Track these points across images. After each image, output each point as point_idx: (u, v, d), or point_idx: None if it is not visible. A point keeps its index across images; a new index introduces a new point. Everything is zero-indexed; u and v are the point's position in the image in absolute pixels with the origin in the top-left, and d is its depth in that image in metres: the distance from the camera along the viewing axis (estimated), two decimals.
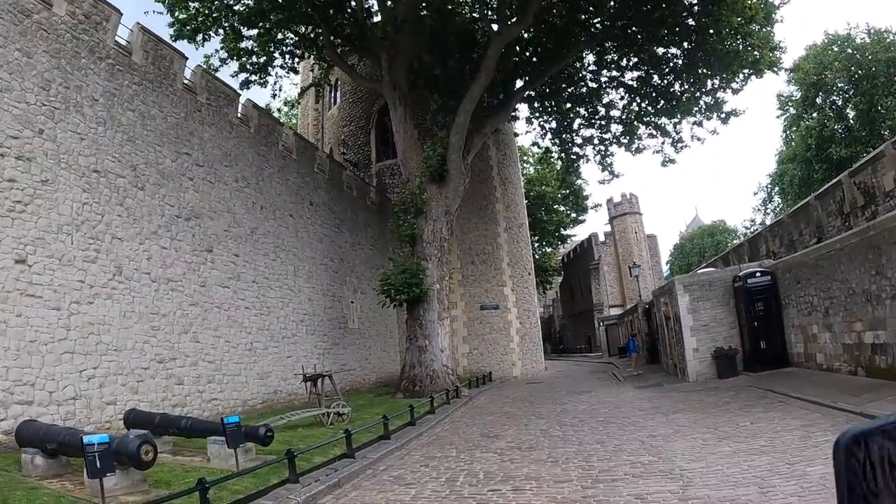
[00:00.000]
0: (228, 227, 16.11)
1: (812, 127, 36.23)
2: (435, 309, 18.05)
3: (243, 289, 16.24)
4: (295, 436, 10.70)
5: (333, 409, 12.38)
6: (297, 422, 12.01)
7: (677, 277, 17.42)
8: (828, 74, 35.42)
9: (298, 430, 11.63)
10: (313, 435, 10.65)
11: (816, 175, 35.65)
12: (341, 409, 12.41)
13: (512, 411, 14.05)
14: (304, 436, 10.66)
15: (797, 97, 38.66)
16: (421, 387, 17.08)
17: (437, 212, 18.86)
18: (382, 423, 10.92)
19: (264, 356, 16.53)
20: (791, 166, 38.79)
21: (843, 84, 36.26)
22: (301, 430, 11.48)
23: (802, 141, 36.91)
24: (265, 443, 8.44)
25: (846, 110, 37.08)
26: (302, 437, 10.45)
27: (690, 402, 12.50)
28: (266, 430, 8.38)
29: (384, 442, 10.55)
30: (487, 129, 21.55)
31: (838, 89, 36.89)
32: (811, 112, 37.46)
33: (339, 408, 12.46)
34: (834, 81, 36.08)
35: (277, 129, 19.52)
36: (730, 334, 16.53)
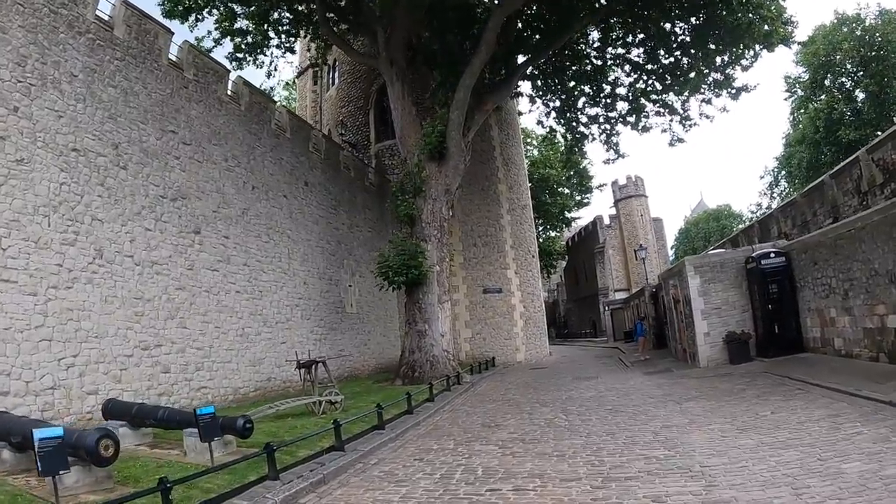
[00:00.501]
0: (217, 207, 15.46)
1: (821, 109, 35.60)
2: (435, 292, 17.35)
3: (234, 272, 15.60)
4: (283, 426, 10.07)
5: (325, 397, 11.74)
6: (287, 411, 11.37)
7: (687, 258, 16.64)
8: (837, 55, 34.73)
9: (288, 419, 11.01)
10: (303, 425, 10.03)
11: (825, 158, 35.31)
12: (333, 398, 11.78)
13: (515, 399, 13.40)
14: (292, 426, 10.03)
15: (805, 79, 37.96)
16: (420, 373, 16.45)
17: (436, 191, 18.08)
18: (376, 412, 10.29)
19: (257, 342, 15.93)
20: (799, 149, 38.20)
21: (853, 66, 35.49)
22: (290, 420, 10.85)
23: (811, 123, 36.29)
24: (244, 435, 7.79)
25: (855, 92, 36.25)
26: (290, 428, 9.82)
27: (703, 389, 11.80)
28: (245, 421, 7.72)
29: (378, 432, 9.92)
30: (489, 106, 20.66)
31: (847, 71, 36.15)
32: (819, 94, 36.85)
33: (331, 396, 11.82)
34: (843, 63, 35.33)
35: (270, 106, 18.72)
36: (742, 318, 15.80)
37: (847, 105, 35.36)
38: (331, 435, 8.64)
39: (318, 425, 9.89)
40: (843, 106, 35.06)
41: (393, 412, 11.58)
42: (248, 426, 7.77)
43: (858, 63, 34.65)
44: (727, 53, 21.82)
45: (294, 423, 10.37)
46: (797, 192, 26.77)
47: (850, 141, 32.51)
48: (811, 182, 21.14)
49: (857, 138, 32.02)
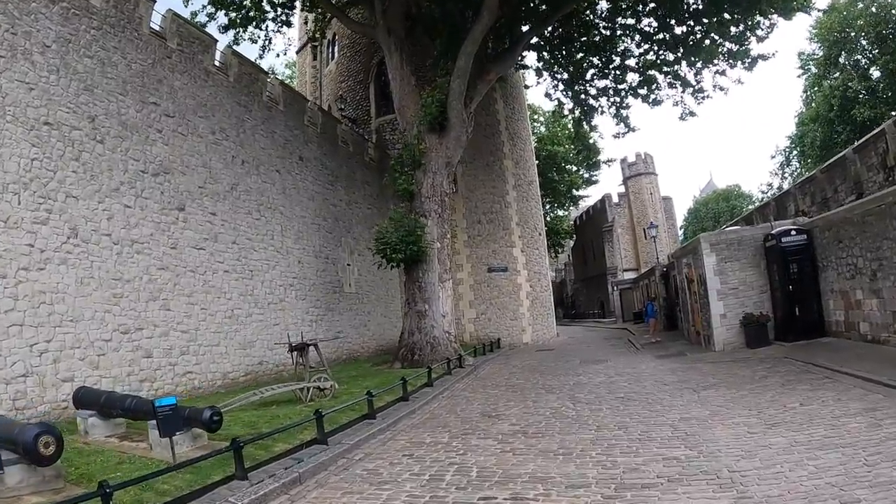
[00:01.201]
0: (204, 183, 14.63)
1: (835, 87, 34.66)
2: (435, 270, 16.49)
3: (222, 251, 14.81)
4: (264, 416, 9.33)
5: (313, 383, 10.99)
6: (273, 398, 10.66)
7: (703, 235, 15.67)
8: (851, 32, 33.83)
9: (272, 407, 10.29)
10: (286, 414, 9.29)
11: (840, 137, 34.41)
12: (322, 384, 11.03)
13: (519, 384, 12.62)
14: (274, 416, 9.28)
15: (819, 56, 37.09)
16: (420, 355, 15.69)
17: (436, 164, 17.11)
18: (367, 399, 9.54)
19: (247, 324, 15.19)
20: (812, 128, 37.39)
21: (868, 43, 34.56)
22: (275, 409, 10.12)
23: (825, 101, 35.40)
24: (210, 429, 7.03)
25: (870, 70, 35.24)
26: (272, 418, 9.08)
27: (721, 375, 10.95)
28: (212, 413, 6.94)
29: (368, 422, 9.18)
30: (492, 76, 19.53)
31: (862, 48, 35.25)
32: (833, 72, 36.01)
33: (320, 382, 11.06)
34: (857, 40, 34.46)
35: (261, 78, 17.73)
36: (760, 299, 14.89)
37: (862, 83, 34.41)
38: (314, 426, 7.90)
39: (303, 414, 9.17)
40: (857, 84, 34.15)
41: (387, 399, 10.87)
42: (216, 419, 6.99)
43: (874, 40, 33.75)
44: (742, 23, 20.59)
45: (278, 412, 9.63)
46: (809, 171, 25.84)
47: (864, 120, 31.83)
48: (825, 161, 20.31)
49: (873, 117, 31.41)
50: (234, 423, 8.91)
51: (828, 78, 36.25)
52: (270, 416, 9.41)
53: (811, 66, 38.55)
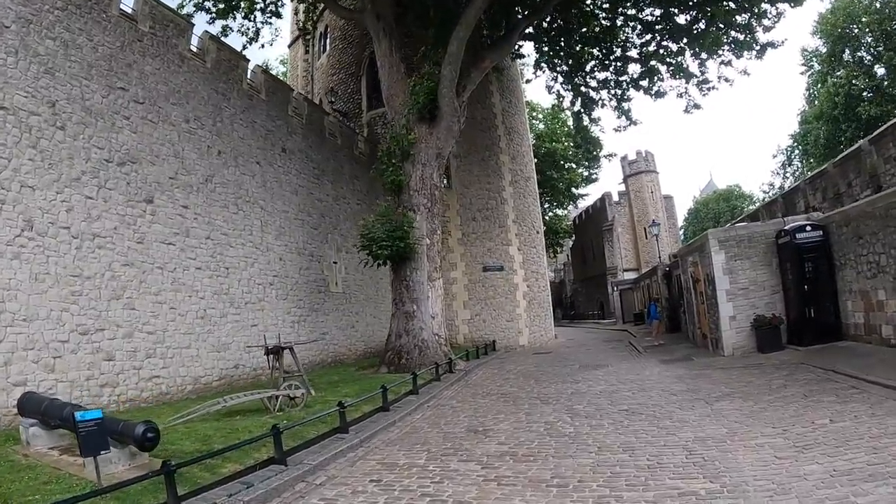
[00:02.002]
0: (175, 173, 13.67)
1: (840, 84, 33.94)
2: (424, 268, 15.43)
3: (194, 246, 13.81)
4: (223, 428, 8.29)
5: (283, 391, 9.95)
6: (237, 406, 9.63)
7: (711, 231, 14.63)
8: (855, 28, 33.44)
9: (236, 418, 9.25)
10: (247, 427, 8.24)
11: (845, 135, 33.75)
12: (293, 392, 9.98)
13: (513, 392, 11.57)
14: (234, 429, 8.24)
15: (823, 52, 36.61)
16: (408, 359, 14.64)
17: (426, 155, 16.05)
18: (338, 411, 8.52)
19: (221, 325, 14.17)
20: (816, 125, 36.73)
21: (872, 39, 34.01)
22: (238, 420, 9.08)
23: (829, 98, 34.84)
24: (143, 447, 6.02)
25: (875, 67, 34.83)
26: (230, 431, 8.03)
27: (734, 384, 9.91)
28: (146, 429, 5.91)
29: (339, 437, 8.16)
30: (487, 63, 18.46)
31: (866, 44, 34.71)
32: (838, 68, 35.44)
33: (290, 390, 10.02)
34: (861, 36, 33.97)
35: (241, 65, 16.69)
36: (772, 300, 13.87)
37: (866, 80, 33.90)
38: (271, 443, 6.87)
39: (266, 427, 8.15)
40: (862, 81, 33.70)
41: (364, 409, 9.85)
42: (150, 436, 5.95)
43: (878, 36, 33.28)
44: (748, 11, 19.62)
45: (240, 424, 8.58)
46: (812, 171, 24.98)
47: (870, 117, 31.23)
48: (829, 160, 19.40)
49: (879, 114, 30.68)
50: (188, 436, 7.91)
51: (832, 75, 35.64)
52: (230, 428, 8.37)
53: (815, 62, 38.05)
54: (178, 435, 8.02)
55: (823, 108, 35.49)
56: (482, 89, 25.80)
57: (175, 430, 8.39)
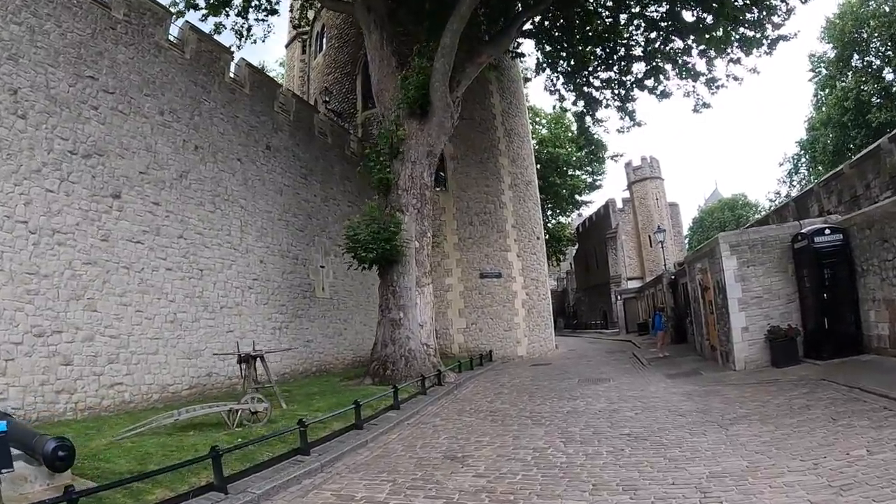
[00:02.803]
0: (146, 168, 12.82)
1: (849, 88, 33.19)
2: (412, 273, 14.40)
3: (165, 245, 12.89)
4: (171, 445, 7.29)
5: (245, 404, 8.94)
6: (195, 420, 8.64)
7: (722, 235, 13.56)
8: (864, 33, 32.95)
9: (190, 434, 8.23)
10: (197, 444, 7.21)
11: (855, 141, 33.00)
12: (255, 406, 8.96)
13: (502, 410, 10.49)
14: (180, 446, 7.22)
15: (831, 57, 35.95)
16: (393, 370, 13.59)
17: (416, 152, 15.06)
18: (300, 431, 7.50)
19: (193, 330, 13.20)
20: (824, 132, 35.99)
21: (881, 43, 33.46)
22: (192, 435, 8.06)
23: (838, 104, 34.12)
24: (54, 466, 5.03)
25: (884, 72, 34.13)
26: (173, 450, 7.01)
27: (749, 403, 8.82)
28: (57, 447, 4.93)
29: (297, 460, 7.14)
30: (484, 59, 17.50)
31: (876, 49, 34.08)
32: (846, 73, 34.89)
33: (253, 403, 9.01)
34: (870, 40, 33.38)
35: (224, 57, 15.83)
36: (787, 309, 12.78)
37: (876, 85, 33.19)
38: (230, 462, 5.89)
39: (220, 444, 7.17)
40: (871, 86, 33.06)
41: (336, 426, 8.82)
42: (62, 454, 4.98)
43: (887, 40, 32.72)
44: (757, 7, 18.68)
45: (190, 441, 7.56)
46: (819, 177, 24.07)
47: (880, 123, 30.51)
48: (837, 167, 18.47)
49: (888, 120, 30.01)
50: (129, 453, 6.95)
51: (840, 80, 35.03)
52: (176, 446, 7.36)
53: (822, 68, 37.44)
54: (119, 451, 7.09)
55: (831, 114, 34.82)
56: (481, 89, 24.94)
57: (119, 444, 7.48)
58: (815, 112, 39.39)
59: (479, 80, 24.64)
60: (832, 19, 34.74)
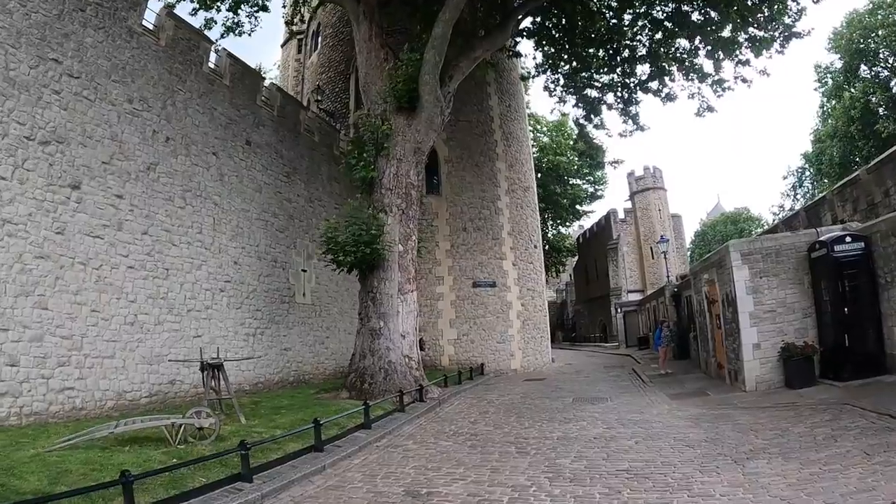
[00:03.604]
0: (110, 158, 11.87)
1: (856, 98, 32.52)
2: (394, 279, 13.30)
3: (127, 241, 11.88)
4: (94, 462, 6.33)
5: (189, 418, 7.88)
6: (133, 434, 7.59)
7: (732, 242, 12.46)
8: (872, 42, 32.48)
9: (125, 449, 7.19)
10: (126, 463, 6.12)
11: (862, 153, 32.30)
12: (201, 421, 7.88)
13: (486, 433, 9.34)
14: (106, 464, 6.17)
15: (838, 67, 35.41)
16: (371, 384, 12.46)
17: (403, 149, 14.02)
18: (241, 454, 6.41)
19: (156, 334, 12.15)
20: (830, 144, 35.32)
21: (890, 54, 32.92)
22: (127, 450, 7.06)
23: (845, 114, 33.38)
24: None
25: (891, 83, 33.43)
26: (96, 468, 5.98)
27: (766, 431, 7.69)
28: None
29: (235, 488, 6.05)
30: (479, 54, 16.51)
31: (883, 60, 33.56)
32: (853, 83, 34.18)
33: (199, 418, 7.93)
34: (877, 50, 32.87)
35: (203, 46, 14.91)
36: (803, 325, 11.68)
37: (883, 95, 32.50)
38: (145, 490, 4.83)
39: (154, 464, 6.12)
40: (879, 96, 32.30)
41: (290, 448, 7.72)
42: None
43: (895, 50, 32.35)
44: (767, 6, 17.81)
45: (119, 459, 6.50)
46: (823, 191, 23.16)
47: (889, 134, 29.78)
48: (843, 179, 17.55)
49: None
50: (47, 469, 6.02)
51: (848, 89, 34.24)
52: (102, 463, 6.35)
53: (829, 78, 36.86)
54: (39, 465, 6.19)
55: (838, 125, 34.10)
56: (479, 91, 24.05)
57: (45, 458, 6.56)
58: (821, 124, 38.80)
59: (476, 81, 23.82)
60: (839, 29, 34.28)
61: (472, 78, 23.29)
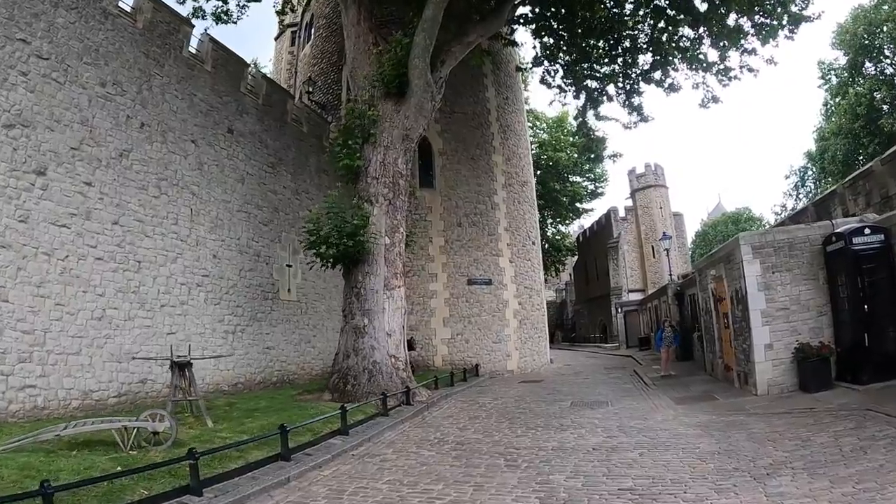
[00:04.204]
0: (80, 143, 11.17)
1: (862, 94, 32.11)
2: (380, 273, 12.49)
3: (96, 231, 11.14)
4: (30, 467, 5.63)
5: (142, 420, 7.11)
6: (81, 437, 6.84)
7: (743, 235, 11.64)
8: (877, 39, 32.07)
9: (73, 453, 6.45)
10: (63, 470, 5.42)
11: (867, 150, 31.78)
12: (155, 425, 7.10)
13: (473, 441, 8.52)
14: (42, 469, 5.37)
15: (842, 63, 35.07)
16: (355, 385, 11.66)
17: (390, 136, 13.22)
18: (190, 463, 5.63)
19: (126, 330, 11.38)
20: (834, 142, 34.71)
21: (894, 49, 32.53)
22: (75, 455, 6.32)
23: (850, 111, 32.94)
24: None
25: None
26: (30, 475, 5.21)
27: (785, 442, 6.87)
28: None
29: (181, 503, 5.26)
30: (473, 39, 15.66)
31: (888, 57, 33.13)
32: (858, 79, 33.89)
33: (153, 421, 7.15)
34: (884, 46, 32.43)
35: (184, 29, 14.17)
36: (818, 323, 10.88)
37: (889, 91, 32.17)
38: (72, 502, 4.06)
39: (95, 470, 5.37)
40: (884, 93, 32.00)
41: (253, 456, 6.95)
42: None
43: None
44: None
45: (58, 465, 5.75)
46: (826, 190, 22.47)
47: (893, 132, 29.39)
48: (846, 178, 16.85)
49: None
50: None
51: (853, 86, 33.89)
52: (38, 469, 5.62)
53: (833, 75, 36.57)
54: None
55: (843, 121, 33.58)
56: (475, 82, 23.28)
57: None
58: (824, 121, 38.19)
59: (473, 72, 23.05)
60: (844, 25, 33.67)
61: (469, 69, 22.56)
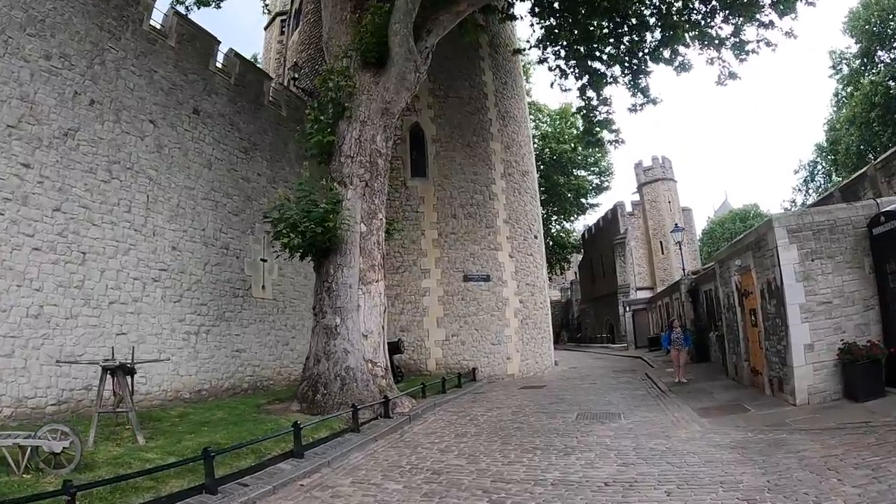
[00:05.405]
0: (17, 121, 9.98)
1: (878, 82, 30.71)
2: (354, 265, 10.92)
3: (33, 219, 9.82)
4: None
5: (40, 439, 5.66)
6: None
7: (776, 216, 9.98)
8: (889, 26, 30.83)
9: None
10: None
11: (881, 139, 30.45)
12: (53, 443, 5.64)
13: (454, 469, 6.92)
14: None
15: (854, 51, 33.80)
16: (325, 394, 10.11)
17: (368, 110, 11.68)
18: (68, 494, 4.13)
19: (67, 330, 10.01)
20: (847, 132, 33.28)
21: None
22: None
23: (866, 100, 31.40)
24: None
25: None
26: None
27: (850, 470, 5.30)
28: None
29: None
30: (463, 8, 14.01)
31: None
32: (872, 67, 32.64)
33: (54, 439, 5.69)
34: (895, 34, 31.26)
35: (144, 1, 12.77)
36: (864, 319, 9.29)
37: None
38: None
39: None
40: None
41: (177, 486, 5.47)
42: None
43: None
44: None
45: None
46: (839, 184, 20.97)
47: None
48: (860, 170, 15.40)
49: None
50: None
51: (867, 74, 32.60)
52: None
53: (844, 64, 35.40)
54: None
55: (857, 111, 32.04)
56: (471, 65, 21.76)
57: None
58: (835, 112, 36.74)
59: (468, 54, 21.54)
60: (856, 11, 32.27)
61: (464, 51, 21.07)
